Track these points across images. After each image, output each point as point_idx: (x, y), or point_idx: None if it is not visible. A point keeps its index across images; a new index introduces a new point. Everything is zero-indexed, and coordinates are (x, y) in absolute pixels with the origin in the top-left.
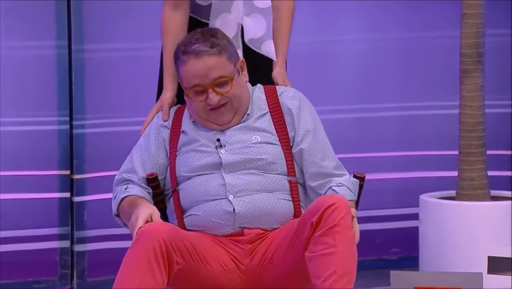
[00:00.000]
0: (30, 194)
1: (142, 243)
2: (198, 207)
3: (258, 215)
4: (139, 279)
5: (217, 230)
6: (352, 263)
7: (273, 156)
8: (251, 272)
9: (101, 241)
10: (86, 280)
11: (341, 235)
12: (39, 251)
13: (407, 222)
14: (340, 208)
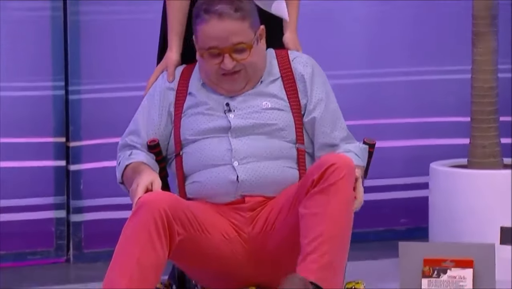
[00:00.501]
0: (24, 162)
1: (142, 214)
2: (200, 173)
3: (262, 183)
4: (139, 252)
5: (219, 198)
6: (343, 227)
7: (283, 122)
8: (254, 240)
9: (98, 211)
10: (83, 251)
11: (337, 195)
12: (34, 221)
13: (417, 192)
14: (341, 168)
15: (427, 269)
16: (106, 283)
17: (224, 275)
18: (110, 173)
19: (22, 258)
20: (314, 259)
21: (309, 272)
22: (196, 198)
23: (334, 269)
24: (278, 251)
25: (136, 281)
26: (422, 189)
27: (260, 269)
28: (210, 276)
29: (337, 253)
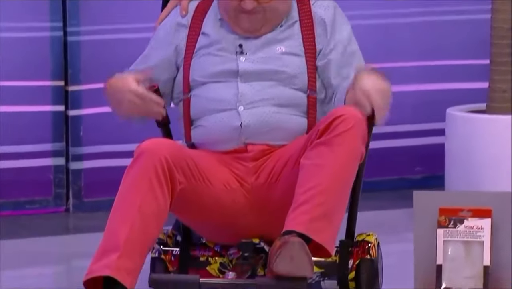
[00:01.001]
0: (20, 107)
1: (143, 161)
2: (206, 118)
3: (266, 129)
4: (140, 200)
5: (222, 145)
6: (342, 180)
7: (296, 69)
8: (257, 191)
9: (98, 158)
10: (83, 200)
11: (341, 147)
12: (31, 168)
13: (432, 138)
14: (349, 120)
15: (443, 219)
16: (106, 232)
17: (226, 227)
18: (111, 118)
19: (19, 207)
20: (306, 209)
21: (299, 222)
22: (200, 143)
23: (328, 221)
24: (283, 203)
25: (137, 230)
26: (438, 135)
27: (263, 221)
28: (212, 228)
29: (333, 206)
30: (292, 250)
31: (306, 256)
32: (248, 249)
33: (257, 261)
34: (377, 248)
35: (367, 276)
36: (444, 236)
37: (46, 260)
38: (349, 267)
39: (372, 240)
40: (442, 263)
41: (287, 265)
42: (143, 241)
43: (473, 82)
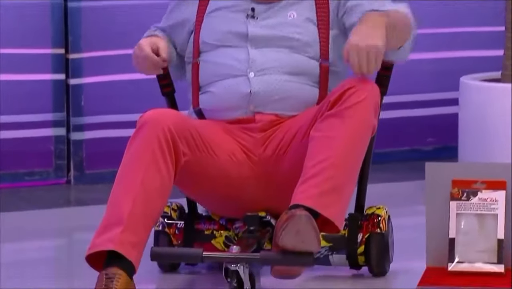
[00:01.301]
0: (19, 75)
1: (145, 132)
2: (215, 84)
3: (276, 97)
4: (143, 174)
5: (230, 112)
6: (353, 153)
7: (308, 36)
8: (265, 163)
9: (100, 128)
10: (84, 172)
11: (352, 119)
12: (31, 139)
13: (445, 108)
14: (361, 91)
15: (456, 191)
16: (109, 205)
17: (232, 200)
18: (113, 87)
19: (19, 179)
20: (316, 183)
21: (307, 196)
22: (208, 109)
23: (337, 196)
24: (290, 176)
25: (140, 204)
26: (451, 105)
27: (270, 194)
28: (217, 201)
29: (343, 180)
30: (299, 224)
31: (313, 231)
32: (253, 223)
33: (263, 235)
34: (388, 221)
35: (377, 250)
36: (457, 209)
37: (46, 233)
38: (358, 241)
39: (382, 213)
40: (455, 237)
41: (293, 239)
42: (147, 215)
43: (487, 50)
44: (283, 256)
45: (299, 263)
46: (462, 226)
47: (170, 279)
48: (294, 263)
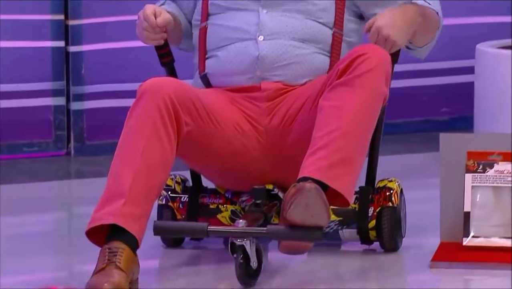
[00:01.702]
0: (17, 42)
1: (145, 102)
2: (222, 47)
3: (285, 63)
4: (143, 145)
5: (236, 77)
6: (364, 124)
7: (322, 3)
8: (271, 134)
9: (101, 98)
10: (85, 143)
11: (362, 88)
12: (30, 109)
13: (460, 77)
14: (371, 59)
15: (472, 163)
16: (110, 178)
17: (238, 172)
18: (114, 55)
19: (17, 150)
20: (325, 154)
21: (316, 168)
22: (214, 73)
23: (347, 168)
24: (298, 148)
25: (142, 176)
26: (466, 73)
27: (277, 166)
28: (222, 174)
29: (353, 151)
30: (308, 197)
31: (322, 204)
32: (260, 196)
33: (270, 209)
34: (400, 195)
35: (389, 224)
36: (472, 182)
37: (45, 207)
38: (369, 215)
39: (394, 186)
40: (470, 210)
41: (302, 213)
42: (149, 187)
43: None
44: (291, 231)
45: (307, 238)
46: (477, 199)
47: (174, 254)
48: (303, 237)
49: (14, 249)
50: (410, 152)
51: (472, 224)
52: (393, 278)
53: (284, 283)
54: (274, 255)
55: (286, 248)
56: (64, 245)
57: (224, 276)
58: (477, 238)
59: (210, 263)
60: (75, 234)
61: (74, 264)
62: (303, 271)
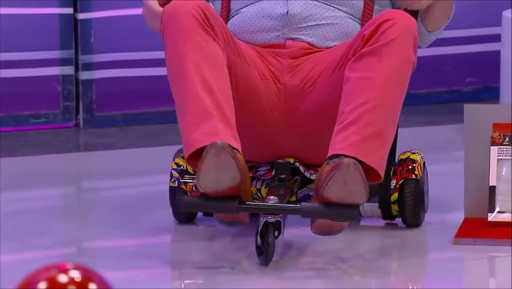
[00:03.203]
0: (23, 9)
1: (177, 16)
2: (248, 6)
3: (314, 23)
4: (198, 55)
5: (261, 34)
6: (393, 95)
7: None
8: (290, 93)
9: (111, 67)
10: (94, 114)
11: (390, 57)
12: (37, 78)
13: (486, 45)
14: (398, 25)
15: (497, 135)
16: (190, 102)
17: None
18: (125, 22)
19: (23, 122)
20: (356, 130)
21: (349, 145)
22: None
23: (379, 142)
24: (316, 115)
25: (215, 89)
26: (492, 41)
27: (295, 136)
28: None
29: (384, 124)
30: (347, 172)
31: (361, 180)
32: (284, 170)
33: (293, 184)
34: (423, 167)
35: (412, 197)
36: (498, 155)
37: (53, 180)
38: (391, 187)
39: (417, 158)
40: (496, 185)
41: (340, 190)
42: (224, 94)
43: None
44: (327, 209)
45: (345, 217)
46: (503, 173)
47: (187, 230)
48: (340, 216)
49: (20, 226)
50: (433, 124)
51: (498, 198)
52: (416, 255)
53: (305, 262)
54: (295, 232)
55: (319, 228)
56: (72, 220)
57: (238, 249)
58: (502, 213)
59: (223, 238)
60: (83, 209)
61: (82, 240)
62: (324, 249)
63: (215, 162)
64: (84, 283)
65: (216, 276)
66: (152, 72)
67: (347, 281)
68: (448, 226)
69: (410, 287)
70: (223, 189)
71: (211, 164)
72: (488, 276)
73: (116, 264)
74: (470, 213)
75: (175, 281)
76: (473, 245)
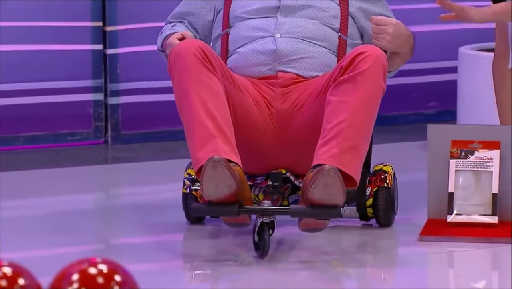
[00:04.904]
0: (62, 46)
1: (182, 56)
2: (244, 46)
3: (298, 56)
4: (200, 88)
5: (256, 68)
6: (366, 115)
7: (334, 11)
8: (281, 116)
9: (134, 94)
10: (120, 133)
11: (363, 84)
12: (73, 103)
13: (446, 76)
14: (369, 57)
15: (455, 150)
16: (193, 126)
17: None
18: (146, 57)
19: (62, 139)
20: (336, 143)
21: (329, 156)
22: (235, 67)
23: (355, 154)
24: (303, 132)
25: (215, 113)
26: (451, 73)
27: (287, 150)
28: (241, 151)
29: (359, 139)
30: (327, 176)
31: (339, 184)
32: (277, 179)
33: (285, 190)
34: (393, 177)
35: (384, 203)
36: (455, 166)
37: (87, 188)
38: (367, 194)
39: (389, 170)
40: (454, 192)
41: (321, 192)
42: (224, 118)
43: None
44: (312, 209)
45: (326, 215)
46: (460, 181)
47: (197, 229)
48: (322, 215)
49: (59, 225)
50: (402, 141)
51: (455, 203)
52: (387, 250)
53: (295, 255)
54: (286, 230)
55: (305, 225)
56: (101, 221)
57: (239, 246)
58: (459, 215)
59: (227, 236)
60: (111, 211)
61: (110, 237)
62: (311, 245)
63: (213, 173)
64: (111, 274)
65: (221, 268)
66: (168, 98)
67: (330, 271)
68: (414, 226)
69: (382, 276)
70: (223, 195)
71: (210, 175)
72: (447, 267)
73: (137, 258)
74: (433, 215)
75: (187, 272)
76: (435, 242)
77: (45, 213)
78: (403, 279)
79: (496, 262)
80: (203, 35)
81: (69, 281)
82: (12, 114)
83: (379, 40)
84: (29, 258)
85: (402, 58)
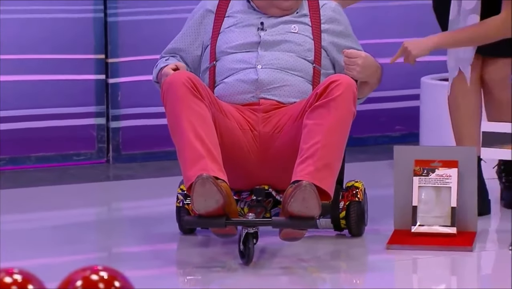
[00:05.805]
0: (69, 76)
1: (173, 85)
2: (229, 77)
3: (278, 84)
4: (189, 113)
5: (240, 96)
6: (339, 137)
7: (308, 45)
8: (263, 138)
9: (133, 118)
10: (121, 153)
11: (336, 109)
12: (78, 127)
13: (410, 102)
14: (341, 85)
15: (418, 169)
16: (185, 148)
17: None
18: (144, 85)
19: (68, 159)
20: (312, 162)
21: (306, 173)
22: (221, 95)
23: (329, 171)
24: (284, 152)
25: (204, 136)
26: (414, 100)
27: (270, 168)
28: (227, 170)
29: (332, 158)
30: (304, 191)
31: (315, 197)
32: (261, 194)
33: (267, 204)
34: (364, 192)
35: (355, 215)
36: (418, 183)
37: (91, 202)
38: (340, 208)
39: (359, 186)
40: (417, 205)
41: (299, 205)
42: (212, 140)
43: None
44: (291, 220)
45: (303, 226)
46: (422, 196)
47: (189, 239)
48: (300, 226)
49: (64, 235)
50: (371, 160)
51: (419, 215)
52: (358, 257)
53: (277, 262)
54: (268, 240)
55: (285, 235)
56: (103, 232)
57: (227, 254)
58: (422, 226)
59: (215, 245)
60: (113, 223)
61: (111, 247)
62: (290, 253)
63: (202, 189)
64: (111, 281)
65: (210, 273)
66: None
67: (307, 276)
68: (382, 236)
69: (354, 281)
70: (211, 209)
71: (199, 191)
72: (412, 272)
73: (135, 265)
74: (398, 226)
75: (180, 278)
76: (400, 250)
77: (53, 225)
78: (373, 283)
79: (454, 268)
80: (193, 68)
81: (73, 287)
82: (24, 136)
83: (350, 71)
84: (37, 265)
85: (370, 87)
